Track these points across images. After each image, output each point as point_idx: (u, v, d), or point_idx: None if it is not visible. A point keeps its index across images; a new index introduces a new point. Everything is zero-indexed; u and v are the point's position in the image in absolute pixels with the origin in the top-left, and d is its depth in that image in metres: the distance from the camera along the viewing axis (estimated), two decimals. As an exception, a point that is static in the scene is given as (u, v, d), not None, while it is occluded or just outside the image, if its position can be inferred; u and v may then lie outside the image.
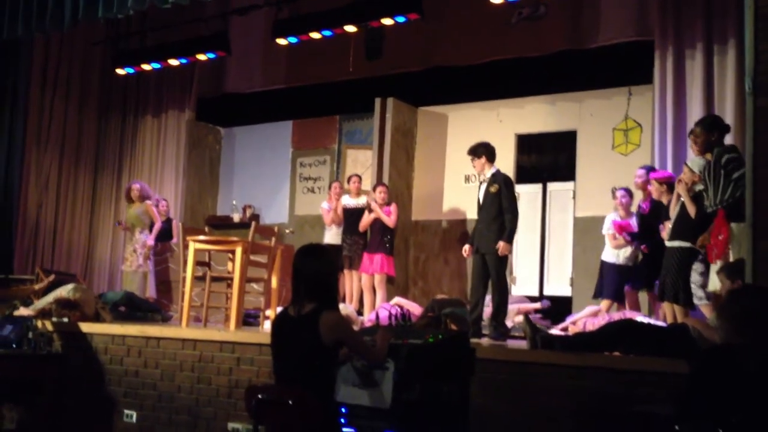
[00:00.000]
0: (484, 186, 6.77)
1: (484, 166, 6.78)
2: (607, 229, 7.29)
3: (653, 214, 6.71)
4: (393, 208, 8.32)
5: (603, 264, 7.30)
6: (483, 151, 6.81)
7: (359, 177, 8.91)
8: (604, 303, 7.14)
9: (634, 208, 7.25)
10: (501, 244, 6.52)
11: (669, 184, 6.36)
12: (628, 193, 7.26)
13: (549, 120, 8.99)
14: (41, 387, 6.34)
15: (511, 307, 7.28)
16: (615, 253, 7.21)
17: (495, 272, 6.56)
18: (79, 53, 10.59)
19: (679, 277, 5.71)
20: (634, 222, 7.15)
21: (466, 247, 6.86)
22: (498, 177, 6.72)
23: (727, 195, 5.13)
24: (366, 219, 8.35)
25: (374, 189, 8.51)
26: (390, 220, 8.22)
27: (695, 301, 5.78)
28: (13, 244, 9.69)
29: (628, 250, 7.16)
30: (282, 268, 7.51)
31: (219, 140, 11.44)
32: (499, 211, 6.57)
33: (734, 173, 5.08)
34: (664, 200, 6.43)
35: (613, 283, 7.13)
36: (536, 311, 7.73)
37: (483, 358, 4.77)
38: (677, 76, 7.32)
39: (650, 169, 7.01)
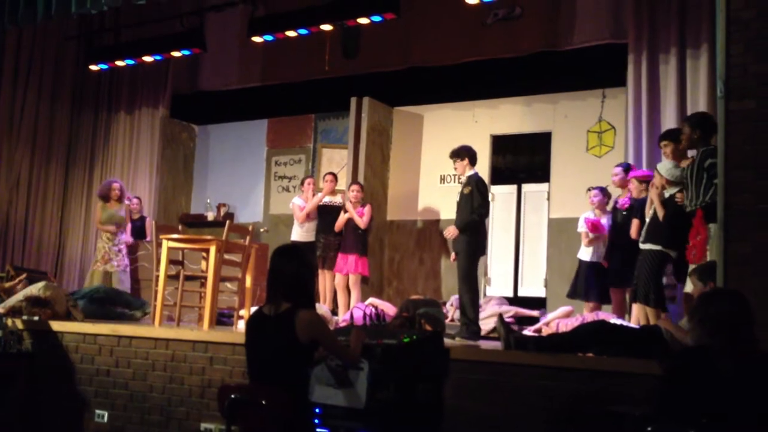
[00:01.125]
0: (457, 188, 6.86)
1: (466, 168, 6.87)
2: (581, 227, 7.35)
3: (632, 211, 6.75)
4: (367, 209, 8.28)
5: (579, 263, 7.35)
6: (466, 154, 6.90)
7: (334, 175, 8.84)
8: (587, 305, 7.18)
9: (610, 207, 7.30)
10: (450, 227, 6.66)
11: (648, 182, 6.40)
12: (602, 192, 7.31)
13: (524, 121, 9.04)
14: (11, 385, 6.26)
15: (506, 309, 7.39)
16: (588, 251, 7.27)
17: (461, 270, 6.64)
18: (52, 48, 10.45)
19: (651, 280, 5.76)
20: (606, 220, 7.20)
21: (453, 253, 6.91)
22: (471, 179, 6.80)
23: (708, 196, 5.18)
24: (341, 219, 8.33)
25: (349, 188, 8.50)
26: (361, 221, 8.18)
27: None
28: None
29: (600, 248, 7.21)
30: (256, 267, 7.47)
31: (193, 138, 11.36)
32: (471, 212, 6.65)
33: (716, 178, 5.12)
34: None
35: (588, 281, 7.18)
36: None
37: (457, 358, 4.78)
38: (651, 79, 7.39)
39: (627, 167, 7.05)
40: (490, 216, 8.91)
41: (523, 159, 9.48)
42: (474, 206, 6.64)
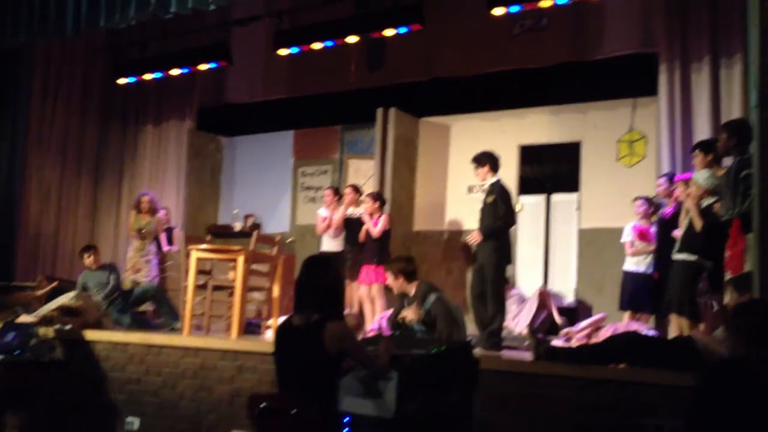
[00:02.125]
0: (482, 196, 6.78)
1: (486, 175, 6.76)
2: (626, 236, 7.27)
3: (675, 219, 6.68)
4: (383, 218, 8.14)
5: (624, 275, 7.29)
6: (487, 160, 6.79)
7: (354, 188, 8.76)
8: (629, 314, 7.12)
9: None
10: (474, 233, 6.58)
11: None
12: (647, 201, 7.23)
13: (553, 131, 8.99)
14: (43, 394, 6.32)
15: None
16: (634, 261, 7.20)
17: (491, 283, 6.56)
18: (81, 62, 10.60)
19: (685, 290, 5.68)
20: (653, 230, 7.13)
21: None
22: (495, 187, 6.68)
23: (745, 206, 5.10)
24: (363, 230, 8.32)
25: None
26: (374, 230, 8.08)
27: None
28: (15, 251, 9.66)
29: (648, 258, 7.14)
30: (283, 277, 7.51)
31: (220, 149, 11.43)
32: (496, 220, 6.56)
33: (750, 190, 5.05)
34: None
35: (637, 292, 7.12)
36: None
37: (487, 369, 4.76)
38: (683, 88, 7.32)
39: (671, 176, 6.98)
40: (518, 226, 8.92)
41: (552, 169, 9.42)
42: (499, 215, 6.55)
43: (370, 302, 8.16)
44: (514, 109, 9.16)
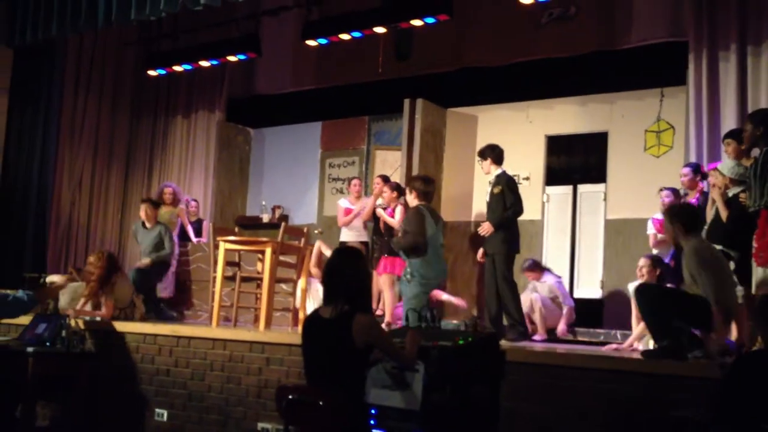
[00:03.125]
0: (489, 188, 6.89)
1: (491, 167, 6.92)
2: (650, 228, 7.23)
3: (704, 208, 6.60)
4: (399, 208, 7.97)
5: None
6: (489, 153, 6.96)
7: (383, 178, 8.61)
8: None
9: None
10: (485, 224, 6.70)
11: None
12: (673, 192, 7.15)
13: (580, 121, 8.92)
14: (74, 385, 6.42)
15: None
16: (657, 253, 7.15)
17: (501, 273, 6.65)
18: (112, 54, 10.72)
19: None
20: None
21: (481, 251, 6.90)
22: (501, 178, 6.84)
23: None
24: (381, 221, 8.29)
25: None
26: (393, 221, 7.87)
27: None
28: (47, 243, 9.82)
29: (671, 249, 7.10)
30: (309, 268, 7.56)
31: (249, 141, 11.50)
32: (504, 210, 6.71)
33: None
34: None
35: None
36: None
37: (513, 360, 4.76)
38: (711, 77, 7.23)
39: (696, 167, 6.90)
40: (545, 217, 8.88)
41: (579, 159, 9.34)
42: (507, 205, 6.69)
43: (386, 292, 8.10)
44: (541, 99, 9.10)
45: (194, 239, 9.34)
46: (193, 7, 8.00)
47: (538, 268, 7.93)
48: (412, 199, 6.39)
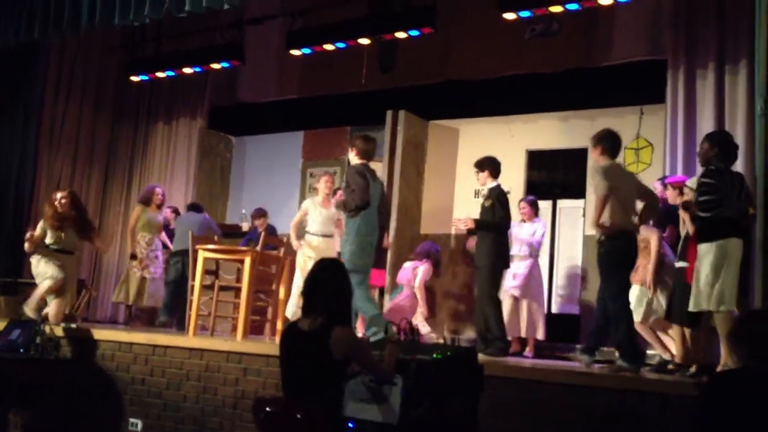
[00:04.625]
0: (481, 200, 6.94)
1: (487, 179, 6.95)
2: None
3: (666, 217, 6.67)
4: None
5: None
6: (488, 165, 6.97)
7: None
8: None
9: None
10: (466, 218, 6.84)
11: (682, 188, 6.27)
12: (662, 184, 7.13)
13: (561, 137, 8.98)
14: (48, 392, 6.34)
15: None
16: None
17: (480, 285, 6.70)
18: (94, 59, 10.66)
19: (684, 299, 5.65)
20: None
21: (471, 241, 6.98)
22: (493, 192, 6.87)
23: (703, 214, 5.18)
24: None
25: None
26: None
27: None
28: (22, 247, 9.68)
29: None
30: (290, 278, 7.53)
31: (230, 149, 11.46)
32: (489, 225, 6.72)
33: (701, 197, 5.14)
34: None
35: None
36: None
37: (491, 375, 4.76)
38: (688, 95, 7.30)
39: (664, 180, 6.99)
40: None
41: (559, 175, 9.41)
42: (496, 218, 6.72)
43: None
44: (523, 114, 9.16)
45: (171, 246, 9.22)
46: (177, 14, 7.95)
47: (535, 207, 7.81)
48: (353, 157, 6.51)
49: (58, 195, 7.55)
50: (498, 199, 6.78)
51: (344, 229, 6.36)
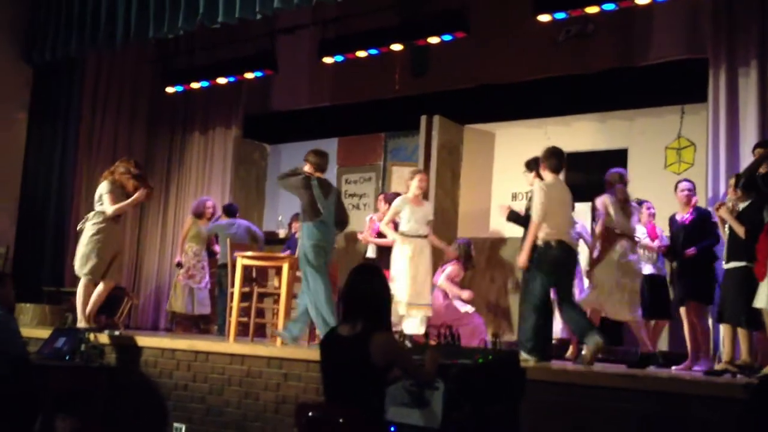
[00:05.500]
0: (525, 201, 6.90)
1: (534, 180, 6.85)
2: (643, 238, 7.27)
3: (696, 227, 6.67)
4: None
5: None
6: (534, 167, 6.90)
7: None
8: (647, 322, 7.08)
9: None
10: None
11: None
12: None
13: (598, 138, 8.90)
14: (93, 399, 6.43)
15: None
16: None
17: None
18: (130, 71, 10.79)
19: (739, 298, 5.56)
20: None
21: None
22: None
23: None
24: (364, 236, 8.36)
25: None
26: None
27: None
28: (65, 257, 9.85)
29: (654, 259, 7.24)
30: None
31: (265, 157, 11.53)
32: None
33: None
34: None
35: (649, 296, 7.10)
36: None
37: (534, 379, 4.72)
38: (730, 94, 7.18)
39: (692, 185, 7.00)
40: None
41: (598, 176, 9.28)
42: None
43: None
44: (559, 116, 9.08)
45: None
46: (210, 25, 8.05)
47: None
48: (308, 169, 7.02)
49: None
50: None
51: (300, 233, 6.98)
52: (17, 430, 5.62)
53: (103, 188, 7.57)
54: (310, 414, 3.86)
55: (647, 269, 7.23)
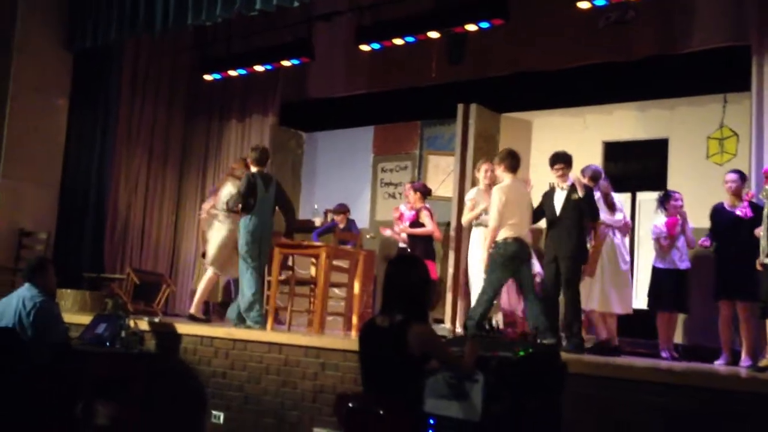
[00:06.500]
0: (563, 193, 6.75)
1: (566, 174, 6.83)
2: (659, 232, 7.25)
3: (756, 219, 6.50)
4: (423, 213, 7.98)
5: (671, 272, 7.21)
6: (563, 160, 6.86)
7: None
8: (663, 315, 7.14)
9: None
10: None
11: None
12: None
13: (638, 127, 8.78)
14: (132, 385, 6.51)
15: None
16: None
17: (566, 279, 6.55)
18: (168, 59, 10.86)
19: None
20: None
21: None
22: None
23: None
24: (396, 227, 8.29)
25: None
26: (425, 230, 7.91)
27: None
28: (104, 244, 9.98)
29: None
30: (363, 273, 7.55)
31: (301, 145, 11.55)
32: (580, 218, 6.63)
33: None
34: None
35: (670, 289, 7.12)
36: None
37: (575, 372, 4.68)
38: (774, 82, 7.03)
39: (742, 174, 6.79)
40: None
41: (638, 166, 9.18)
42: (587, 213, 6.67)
43: None
44: (598, 105, 8.96)
45: None
46: (248, 13, 8.06)
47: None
48: (251, 165, 7.51)
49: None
50: (588, 193, 6.76)
51: (238, 225, 7.36)
52: (58, 415, 5.71)
53: (228, 187, 7.92)
54: (350, 405, 3.87)
55: (658, 263, 7.29)
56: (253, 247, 7.09)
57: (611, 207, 7.25)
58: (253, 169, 7.45)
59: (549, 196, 6.85)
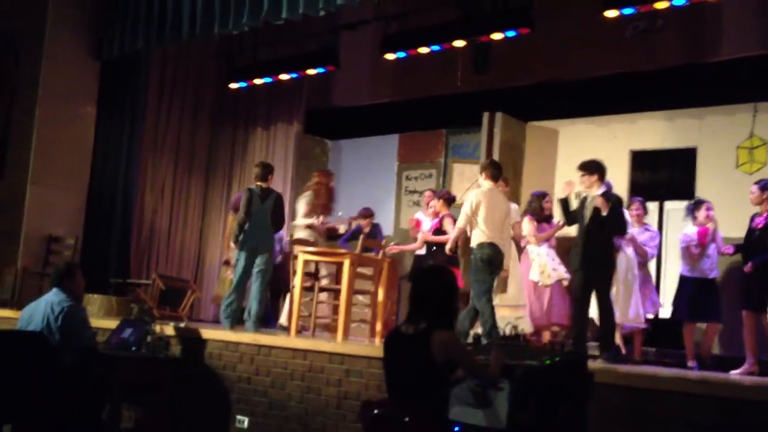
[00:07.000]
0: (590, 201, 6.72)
1: (594, 183, 6.76)
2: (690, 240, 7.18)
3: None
4: (446, 220, 7.98)
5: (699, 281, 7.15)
6: (596, 169, 6.80)
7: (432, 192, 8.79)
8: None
9: None
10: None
11: None
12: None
13: (666, 136, 8.72)
14: (158, 389, 6.54)
15: None
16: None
17: (598, 289, 6.52)
18: (194, 66, 10.95)
19: None
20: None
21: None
22: (612, 196, 6.74)
23: None
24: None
25: None
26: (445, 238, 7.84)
27: None
28: (130, 249, 10.06)
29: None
30: (387, 280, 7.55)
31: (326, 152, 11.59)
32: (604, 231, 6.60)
33: None
34: None
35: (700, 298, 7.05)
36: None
37: (601, 382, 4.64)
38: (805, 92, 6.97)
39: (765, 184, 6.71)
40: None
41: (665, 175, 9.11)
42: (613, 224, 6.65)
43: None
44: (625, 114, 8.91)
45: None
46: (274, 21, 8.11)
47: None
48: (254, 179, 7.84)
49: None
50: (618, 203, 6.74)
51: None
52: (86, 419, 5.76)
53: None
54: (375, 411, 3.86)
55: (686, 271, 7.26)
56: (239, 255, 7.47)
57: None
58: (255, 183, 7.76)
59: (582, 203, 6.82)
